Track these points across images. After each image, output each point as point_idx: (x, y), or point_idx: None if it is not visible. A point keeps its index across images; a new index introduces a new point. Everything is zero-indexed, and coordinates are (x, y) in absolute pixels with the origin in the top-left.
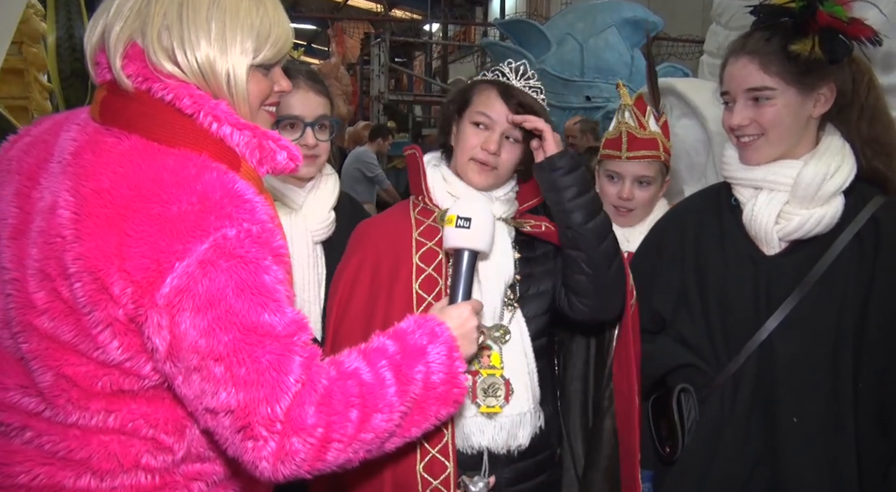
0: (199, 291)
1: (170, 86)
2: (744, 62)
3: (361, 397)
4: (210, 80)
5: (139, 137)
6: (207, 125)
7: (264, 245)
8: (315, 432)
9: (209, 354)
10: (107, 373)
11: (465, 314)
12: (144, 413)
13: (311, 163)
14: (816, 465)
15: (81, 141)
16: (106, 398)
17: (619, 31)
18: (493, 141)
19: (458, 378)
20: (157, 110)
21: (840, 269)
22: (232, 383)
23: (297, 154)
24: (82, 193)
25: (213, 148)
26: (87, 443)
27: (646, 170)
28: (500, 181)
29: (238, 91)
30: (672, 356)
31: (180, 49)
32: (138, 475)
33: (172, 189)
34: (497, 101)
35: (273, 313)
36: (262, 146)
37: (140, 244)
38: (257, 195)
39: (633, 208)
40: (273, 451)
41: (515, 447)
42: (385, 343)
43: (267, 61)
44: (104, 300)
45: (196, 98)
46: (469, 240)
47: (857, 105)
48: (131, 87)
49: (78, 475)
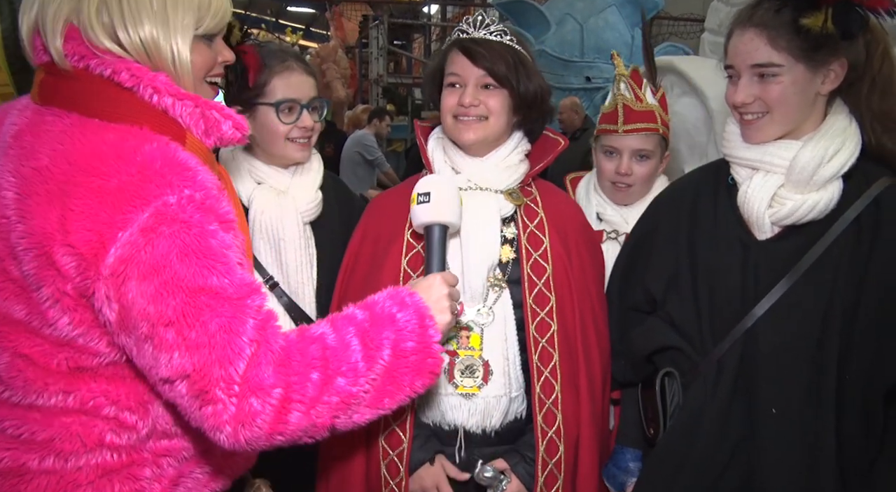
0: (142, 259)
1: (107, 61)
2: (750, 36)
3: (324, 360)
4: (153, 55)
5: (78, 115)
6: (148, 97)
7: (208, 211)
8: (273, 392)
9: (159, 320)
10: (61, 351)
11: (435, 283)
12: (104, 391)
13: (307, 147)
14: (793, 457)
15: (21, 124)
16: (64, 377)
17: (619, 10)
18: (467, 94)
19: (432, 347)
20: (96, 86)
21: (833, 256)
22: (185, 347)
23: (242, 123)
24: (22, 172)
25: (154, 121)
26: (49, 424)
27: (644, 143)
28: (496, 134)
29: (182, 65)
30: (659, 337)
31: (121, 27)
32: (103, 454)
33: (112, 162)
34: (460, 58)
35: (221, 276)
36: (206, 116)
37: (82, 218)
38: (201, 165)
39: (631, 184)
40: (233, 414)
41: (491, 429)
42: (354, 311)
43: (209, 31)
44: (52, 275)
45: (135, 71)
46: (431, 214)
47: (868, 77)
48: (69, 67)
49: (42, 457)
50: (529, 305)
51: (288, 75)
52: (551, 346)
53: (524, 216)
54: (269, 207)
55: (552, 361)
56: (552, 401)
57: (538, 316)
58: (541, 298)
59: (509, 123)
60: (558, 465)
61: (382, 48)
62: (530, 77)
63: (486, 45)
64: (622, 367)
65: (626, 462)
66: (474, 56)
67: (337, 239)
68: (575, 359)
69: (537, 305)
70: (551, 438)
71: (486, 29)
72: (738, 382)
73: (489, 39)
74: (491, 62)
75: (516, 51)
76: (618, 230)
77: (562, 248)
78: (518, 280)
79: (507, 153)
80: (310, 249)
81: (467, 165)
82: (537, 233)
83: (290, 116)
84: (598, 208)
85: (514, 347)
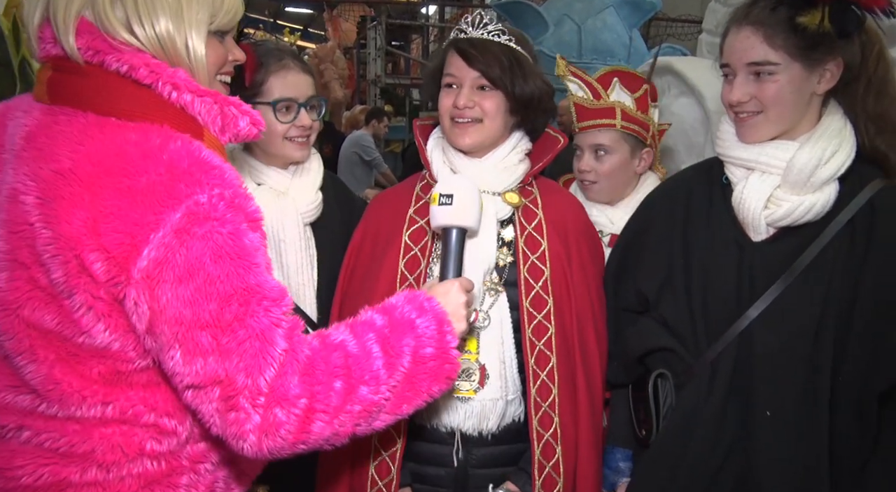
0: (177, 261)
1: (124, 57)
2: (746, 33)
3: (346, 369)
4: (169, 50)
5: (94, 114)
6: (167, 94)
7: (238, 209)
8: (299, 402)
9: (195, 324)
10: (97, 359)
11: (453, 290)
12: (143, 399)
13: (305, 146)
14: (787, 460)
15: (31, 125)
16: (101, 387)
17: (617, 11)
18: (462, 95)
19: (450, 353)
20: (112, 84)
21: (828, 259)
22: (218, 352)
23: (259, 119)
24: (43, 176)
25: (173, 119)
26: (89, 436)
27: (597, 139)
28: (492, 136)
29: (197, 60)
30: (651, 338)
31: (137, 21)
32: (144, 463)
33: (138, 161)
34: (456, 58)
35: (256, 278)
36: (224, 113)
37: (112, 219)
38: (224, 162)
39: (595, 181)
40: (258, 424)
41: (488, 431)
42: (373, 317)
43: (223, 27)
44: (84, 281)
45: (153, 67)
46: (453, 217)
47: (864, 78)
48: (82, 62)
49: (83, 470)
50: (526, 308)
51: (285, 74)
52: (549, 349)
53: (522, 218)
54: (269, 209)
55: (549, 364)
56: (549, 404)
57: (535, 319)
58: (538, 301)
59: (506, 124)
60: (556, 468)
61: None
62: (526, 78)
63: (481, 47)
64: (615, 368)
65: (616, 462)
66: (469, 57)
67: (337, 240)
68: (573, 362)
69: (534, 308)
70: (548, 441)
71: (483, 29)
72: (732, 383)
73: (486, 40)
74: (485, 64)
75: (513, 51)
76: (602, 231)
77: (561, 249)
78: (515, 283)
79: (506, 153)
80: (310, 250)
81: (465, 166)
82: (535, 235)
83: (287, 115)
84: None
85: (511, 351)
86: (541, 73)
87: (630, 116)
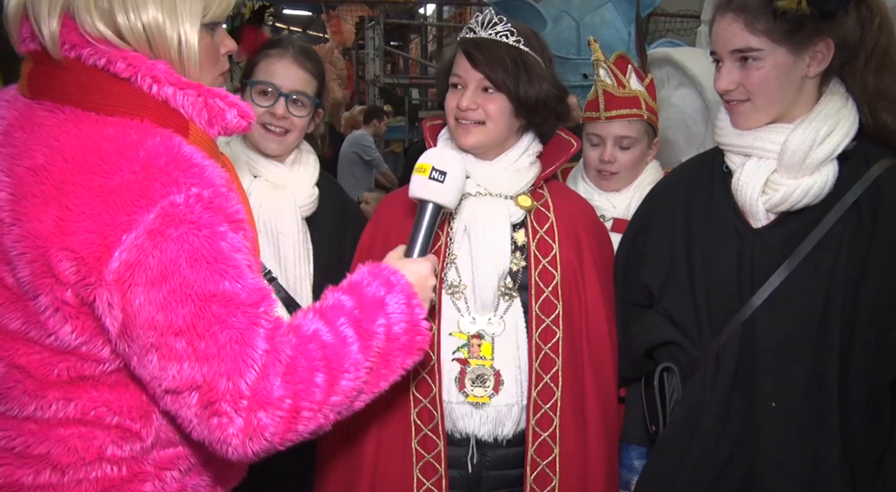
0: (150, 264)
1: (100, 50)
2: (729, 20)
3: (325, 360)
4: (155, 43)
5: (73, 108)
6: (147, 88)
7: (217, 210)
8: (283, 404)
9: (168, 329)
10: (63, 360)
11: (425, 272)
12: (107, 400)
13: (278, 137)
14: (795, 450)
15: (11, 118)
16: (64, 387)
17: (616, 7)
18: (465, 97)
19: (420, 326)
20: (90, 78)
21: (832, 242)
22: (195, 358)
23: (247, 111)
24: (16, 172)
25: (155, 113)
26: (45, 437)
27: (626, 130)
28: (495, 139)
29: (190, 53)
30: (656, 333)
31: (122, 11)
32: (103, 467)
33: (113, 158)
34: (462, 59)
35: (233, 281)
36: (209, 105)
37: (82, 218)
38: (207, 159)
39: (615, 171)
40: (241, 427)
41: (503, 437)
42: (341, 299)
43: (215, 19)
44: (49, 283)
45: (131, 60)
46: (441, 194)
47: (863, 54)
48: (60, 56)
49: (37, 472)
50: (535, 311)
51: (276, 61)
52: (555, 353)
53: (534, 222)
54: (266, 201)
55: (554, 368)
56: (550, 406)
57: (543, 323)
58: (547, 305)
59: (511, 127)
60: (551, 466)
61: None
62: (532, 80)
63: (487, 48)
64: (624, 364)
65: (630, 460)
66: (474, 59)
67: (330, 237)
68: (580, 367)
69: (543, 313)
70: (545, 440)
71: (492, 28)
72: (737, 374)
73: (492, 40)
74: (489, 66)
75: (521, 53)
76: (605, 215)
77: (572, 252)
78: (528, 287)
79: (517, 156)
80: (307, 243)
81: (476, 169)
82: (547, 239)
83: (263, 100)
84: (585, 195)
85: (525, 356)
86: (551, 76)
87: (649, 105)
